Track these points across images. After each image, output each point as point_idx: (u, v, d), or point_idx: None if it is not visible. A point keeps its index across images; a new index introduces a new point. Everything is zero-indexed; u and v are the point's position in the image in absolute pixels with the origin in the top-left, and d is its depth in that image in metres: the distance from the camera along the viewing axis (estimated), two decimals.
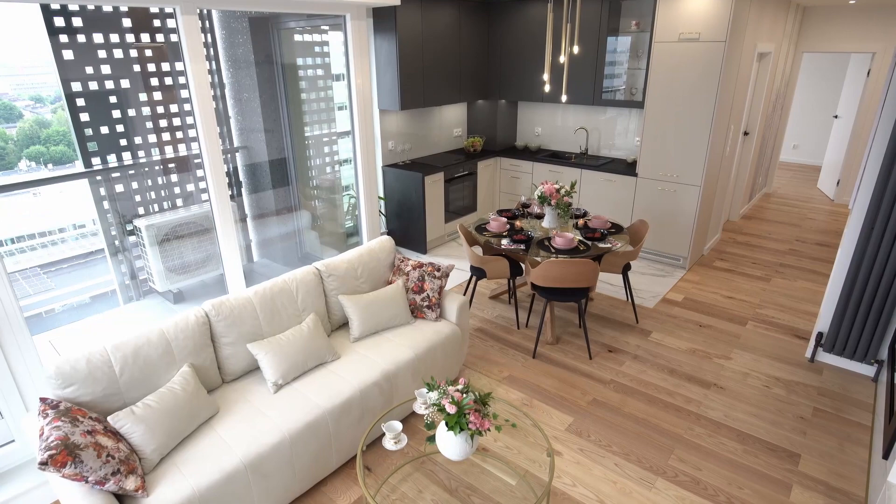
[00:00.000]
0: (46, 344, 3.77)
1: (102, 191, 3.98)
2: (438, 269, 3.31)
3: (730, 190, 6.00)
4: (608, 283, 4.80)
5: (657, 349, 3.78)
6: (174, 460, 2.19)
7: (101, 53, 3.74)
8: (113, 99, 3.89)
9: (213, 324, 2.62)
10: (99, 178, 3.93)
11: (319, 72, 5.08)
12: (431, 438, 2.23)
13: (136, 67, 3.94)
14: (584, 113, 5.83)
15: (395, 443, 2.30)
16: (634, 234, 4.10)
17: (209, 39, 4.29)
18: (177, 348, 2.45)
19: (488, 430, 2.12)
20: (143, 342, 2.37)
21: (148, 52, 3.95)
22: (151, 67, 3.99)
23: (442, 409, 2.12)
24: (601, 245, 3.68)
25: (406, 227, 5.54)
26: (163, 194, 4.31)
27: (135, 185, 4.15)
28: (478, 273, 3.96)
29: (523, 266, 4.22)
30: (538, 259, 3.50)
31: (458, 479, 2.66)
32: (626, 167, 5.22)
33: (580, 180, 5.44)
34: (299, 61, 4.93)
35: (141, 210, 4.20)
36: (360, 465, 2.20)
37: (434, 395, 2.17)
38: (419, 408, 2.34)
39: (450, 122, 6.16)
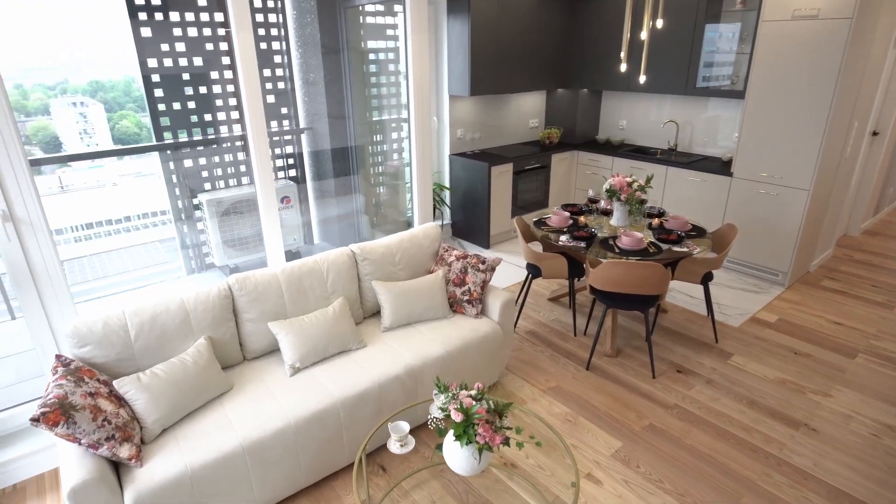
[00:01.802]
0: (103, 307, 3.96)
1: (171, 165, 4.12)
2: (483, 262, 3.04)
3: (849, 199, 5.13)
4: (686, 294, 4.25)
5: (737, 375, 3.23)
6: (176, 433, 2.12)
7: (177, 31, 3.86)
8: (185, 76, 4.01)
9: (237, 298, 2.54)
10: (169, 152, 4.07)
11: (391, 55, 4.97)
12: (440, 447, 1.98)
13: (209, 46, 4.03)
14: (674, 104, 5.24)
15: (401, 445, 2.07)
16: (719, 240, 3.55)
17: (280, 19, 4.31)
18: (195, 320, 2.39)
19: (499, 446, 1.82)
20: (161, 310, 2.33)
21: (221, 31, 4.03)
22: (223, 46, 4.07)
23: (448, 416, 1.85)
24: (676, 249, 3.20)
25: (470, 219, 5.30)
26: (229, 171, 4.40)
27: (202, 160, 4.26)
28: (533, 271, 3.62)
29: (585, 267, 3.81)
30: (599, 259, 3.11)
31: (477, 495, 2.38)
32: (720, 166, 4.60)
33: (665, 179, 4.89)
34: (370, 44, 4.85)
35: (207, 186, 4.32)
36: (357, 463, 2.00)
37: (442, 399, 1.91)
38: (434, 410, 2.09)
39: (526, 112, 5.82)
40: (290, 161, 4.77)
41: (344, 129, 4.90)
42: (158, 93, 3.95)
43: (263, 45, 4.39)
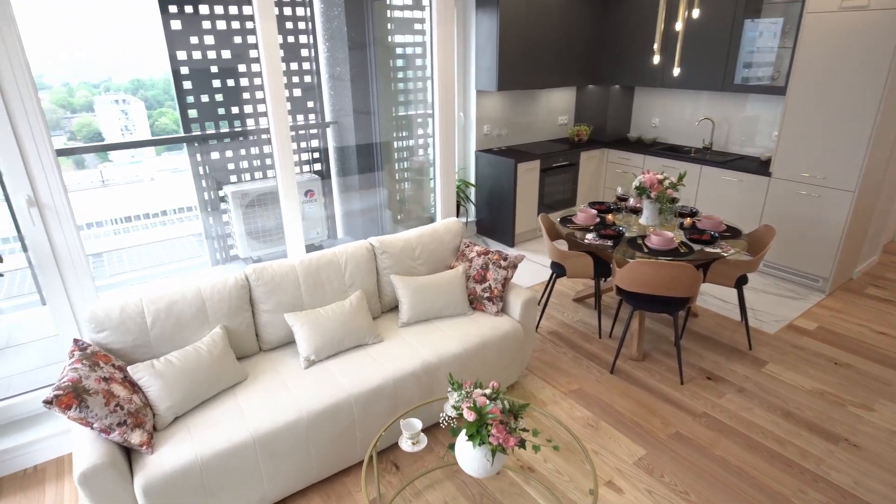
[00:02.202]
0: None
1: (199, 157, 4.16)
2: (505, 259, 2.95)
3: None
4: (718, 299, 4.07)
5: (772, 384, 3.06)
6: (188, 422, 2.10)
7: (206, 24, 3.89)
8: (214, 69, 4.04)
9: (253, 289, 2.52)
10: (196, 143, 4.11)
11: (418, 50, 4.92)
12: (453, 446, 1.91)
13: (238, 39, 4.05)
14: (710, 101, 5.04)
15: (413, 444, 2.01)
16: (756, 242, 3.38)
17: (307, 12, 4.31)
18: (211, 309, 2.38)
19: (514, 448, 1.74)
20: (178, 298, 2.32)
21: (249, 24, 4.04)
22: (252, 39, 4.08)
23: (461, 415, 1.78)
24: (709, 249, 3.06)
25: (495, 217, 5.21)
26: (255, 164, 4.42)
27: (229, 153, 4.29)
28: (557, 270, 3.52)
29: (612, 266, 3.68)
30: (627, 259, 2.99)
31: (491, 498, 2.30)
32: (758, 165, 4.39)
33: (699, 178, 4.70)
34: (398, 38, 4.81)
35: (233, 178, 4.35)
36: (367, 460, 1.94)
37: (456, 397, 1.84)
38: (449, 408, 2.02)
39: (555, 109, 5.70)
40: (316, 155, 4.77)
41: (369, 124, 4.87)
42: (187, 85, 3.99)
43: (291, 39, 4.40)
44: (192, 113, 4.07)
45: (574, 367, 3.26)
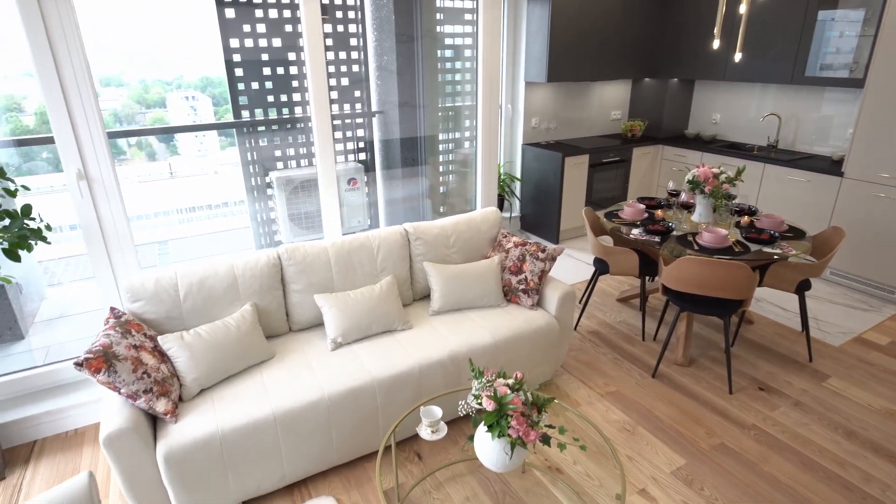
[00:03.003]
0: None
1: (248, 142, 4.26)
2: (543, 250, 2.83)
3: None
4: (776, 306, 3.77)
5: (833, 400, 2.79)
6: (213, 395, 2.12)
7: (258, 13, 3.97)
8: (264, 57, 4.12)
9: (285, 268, 2.53)
10: (245, 130, 4.21)
11: (467, 41, 4.85)
12: (472, 437, 1.83)
13: (288, 27, 4.11)
14: (778, 95, 4.70)
15: (432, 432, 1.94)
16: (821, 245, 3.10)
17: (357, 2, 4.32)
18: (242, 285, 2.40)
19: (535, 443, 1.64)
20: (210, 273, 2.35)
21: (299, 13, 4.10)
22: (301, 28, 4.14)
23: (479, 403, 1.70)
24: (768, 250, 2.82)
25: (540, 212, 5.06)
26: (301, 152, 4.48)
27: (277, 140, 4.37)
28: (600, 266, 3.36)
29: (659, 264, 3.48)
30: (674, 256, 2.81)
31: (515, 497, 2.20)
32: (829, 165, 4.05)
33: (762, 177, 4.39)
34: (447, 28, 4.76)
35: (280, 165, 4.43)
36: (383, 447, 1.89)
37: (476, 386, 1.76)
38: (471, 398, 1.94)
39: (608, 103, 5.48)
40: (361, 145, 4.79)
41: (414, 114, 4.85)
42: (239, 72, 4.09)
43: (340, 28, 4.43)
44: (243, 100, 4.18)
45: (613, 369, 3.09)
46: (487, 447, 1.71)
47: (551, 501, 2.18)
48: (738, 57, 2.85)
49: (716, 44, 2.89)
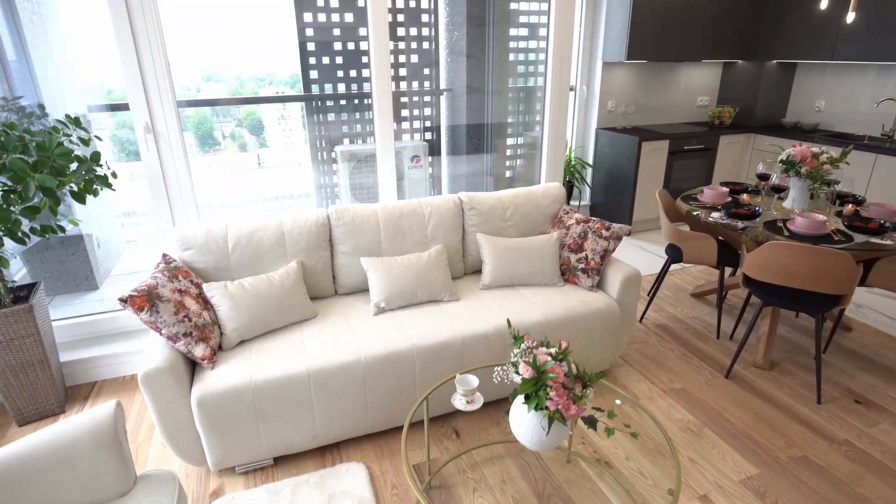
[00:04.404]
0: None
1: (315, 117, 4.31)
2: (608, 228, 2.61)
3: None
4: (882, 314, 3.28)
5: None
6: (252, 347, 2.10)
7: None
8: (336, 32, 4.15)
9: (333, 228, 2.48)
10: (314, 104, 4.26)
11: (542, 18, 4.64)
12: (509, 412, 1.67)
13: (360, 2, 4.11)
14: None
15: (468, 402, 1.80)
16: None
17: None
18: (290, 242, 2.38)
19: (575, 420, 1.46)
20: (259, 227, 2.35)
21: None
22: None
23: (517, 371, 1.54)
24: (876, 240, 2.43)
25: (612, 201, 4.76)
26: (368, 129, 4.48)
27: (344, 115, 4.39)
28: (673, 253, 3.06)
29: (741, 253, 3.13)
30: (757, 242, 2.49)
31: (555, 486, 2.01)
32: None
33: (872, 168, 3.86)
34: (522, 6, 4.57)
35: (346, 141, 4.45)
36: (414, 409, 1.77)
37: (515, 352, 1.60)
38: (508, 367, 1.78)
39: (695, 88, 5.07)
40: (427, 124, 4.72)
41: (482, 100, 4.71)
42: (310, 47, 4.14)
43: (413, 4, 4.38)
44: (313, 74, 4.23)
45: (680, 365, 2.80)
46: (523, 422, 1.54)
47: (597, 495, 1.97)
48: (850, 17, 2.47)
49: (850, 17, 2.52)
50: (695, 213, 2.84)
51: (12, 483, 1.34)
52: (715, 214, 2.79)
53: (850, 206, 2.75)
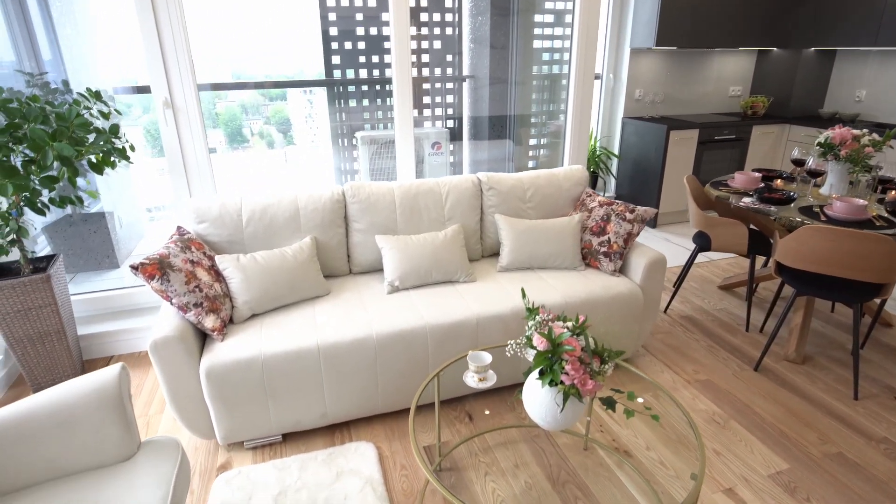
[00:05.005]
0: None
1: (337, 103, 4.29)
2: (632, 211, 2.51)
3: None
4: None
5: None
6: (263, 321, 2.07)
7: None
8: (359, 17, 4.12)
9: (349, 204, 2.44)
10: (336, 89, 4.24)
11: (569, 4, 4.54)
12: (521, 391, 1.59)
13: None
14: None
15: (480, 380, 1.73)
16: None
17: None
18: (304, 217, 2.34)
19: (592, 396, 1.38)
20: (273, 202, 2.32)
21: None
22: None
23: (530, 344, 1.46)
24: None
25: (638, 192, 4.63)
26: (389, 115, 4.44)
27: (366, 101, 4.36)
28: (700, 241, 2.94)
29: (773, 242, 2.98)
30: (790, 227, 2.36)
31: (571, 473, 1.93)
32: None
33: None
34: None
35: (368, 127, 4.42)
36: (424, 385, 1.71)
37: (529, 325, 1.52)
38: (521, 339, 1.70)
39: (727, 77, 4.89)
40: (450, 111, 4.66)
41: (505, 90, 4.63)
42: (333, 31, 4.12)
43: None
44: (336, 59, 4.21)
45: (706, 357, 2.68)
46: (537, 398, 1.47)
47: (614, 484, 1.88)
48: None
49: None
50: (727, 201, 2.71)
51: (11, 441, 1.33)
52: (746, 199, 2.66)
53: (894, 192, 2.59)
